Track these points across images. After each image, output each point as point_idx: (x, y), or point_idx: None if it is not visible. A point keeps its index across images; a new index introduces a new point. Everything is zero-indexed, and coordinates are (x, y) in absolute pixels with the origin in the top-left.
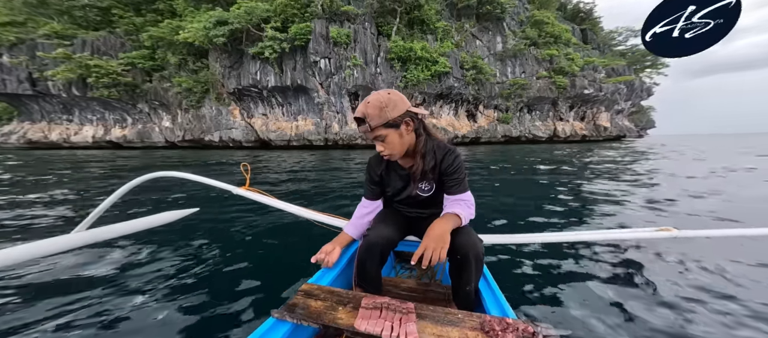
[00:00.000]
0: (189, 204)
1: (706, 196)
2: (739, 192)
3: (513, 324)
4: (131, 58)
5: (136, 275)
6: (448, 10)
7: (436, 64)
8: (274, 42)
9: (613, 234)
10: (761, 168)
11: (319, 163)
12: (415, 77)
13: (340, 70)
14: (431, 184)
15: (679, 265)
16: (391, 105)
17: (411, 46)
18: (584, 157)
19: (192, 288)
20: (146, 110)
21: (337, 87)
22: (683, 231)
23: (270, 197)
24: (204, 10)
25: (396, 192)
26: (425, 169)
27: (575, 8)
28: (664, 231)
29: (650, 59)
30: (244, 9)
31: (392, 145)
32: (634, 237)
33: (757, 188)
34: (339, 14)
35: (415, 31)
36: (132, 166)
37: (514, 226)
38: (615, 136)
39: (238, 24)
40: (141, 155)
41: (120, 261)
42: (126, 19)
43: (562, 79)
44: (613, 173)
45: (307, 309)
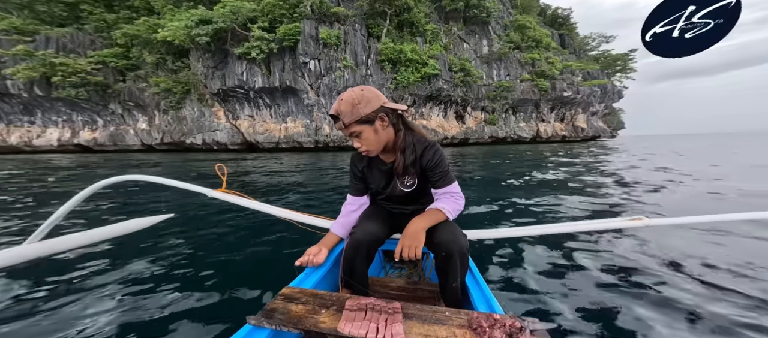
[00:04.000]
0: (163, 209)
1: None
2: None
3: (500, 320)
4: (102, 57)
5: (98, 287)
6: (436, 13)
7: (425, 65)
8: (262, 42)
9: (589, 224)
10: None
11: (321, 163)
12: (406, 79)
13: (330, 72)
14: (414, 179)
15: (651, 251)
16: (364, 101)
17: (401, 48)
18: (572, 156)
19: (162, 297)
20: (119, 111)
21: (328, 88)
22: (653, 220)
23: (249, 199)
24: (185, 8)
25: (379, 189)
26: (406, 164)
27: (554, 14)
28: (635, 220)
29: (620, 64)
30: (230, 8)
31: (368, 141)
32: (609, 226)
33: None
34: (329, 15)
35: (404, 33)
36: (101, 173)
37: (498, 220)
38: (591, 136)
39: (223, 23)
40: (112, 159)
41: (81, 274)
42: (96, 15)
43: (544, 82)
44: (591, 168)
45: (287, 313)
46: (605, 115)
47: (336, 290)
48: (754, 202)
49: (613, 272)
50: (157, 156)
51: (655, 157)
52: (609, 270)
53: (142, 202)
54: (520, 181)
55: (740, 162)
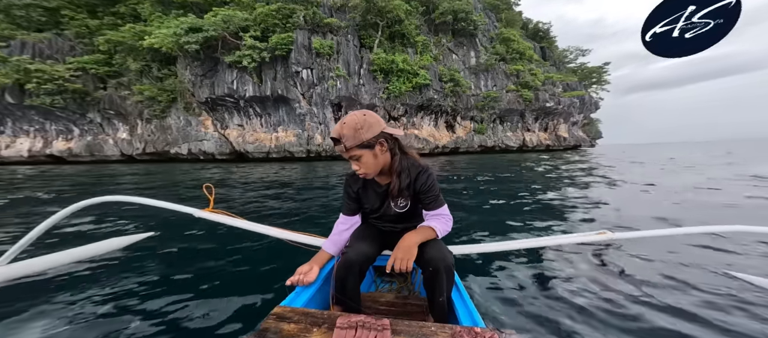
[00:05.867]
0: (143, 227)
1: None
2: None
3: (481, 333)
4: (83, 63)
5: (71, 316)
6: (426, 25)
7: (417, 76)
8: (253, 51)
9: (559, 239)
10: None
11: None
12: (398, 89)
13: (322, 81)
14: (407, 201)
15: (614, 262)
16: (366, 126)
17: (393, 58)
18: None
19: (147, 320)
20: (98, 120)
21: (320, 97)
22: (616, 234)
23: (237, 218)
24: (174, 15)
25: (373, 209)
26: (402, 187)
27: (535, 27)
28: (601, 234)
29: (595, 76)
30: (221, 17)
31: (367, 164)
32: (577, 241)
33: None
34: (322, 26)
35: (396, 44)
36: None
37: (481, 236)
38: (572, 145)
39: (213, 32)
40: (91, 171)
41: (53, 299)
42: (78, 20)
43: (528, 93)
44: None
45: (279, 333)
46: (584, 125)
47: (327, 307)
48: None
49: (581, 284)
50: (140, 167)
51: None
52: (576, 282)
53: (121, 219)
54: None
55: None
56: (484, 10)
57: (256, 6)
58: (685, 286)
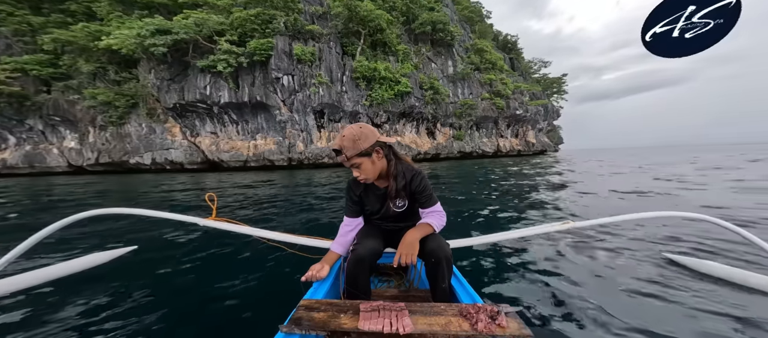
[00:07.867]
0: (124, 240)
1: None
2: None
3: (483, 308)
4: (22, 64)
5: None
6: (406, 34)
7: (398, 83)
8: (229, 55)
9: (529, 230)
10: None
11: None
12: (380, 96)
13: (304, 88)
14: (404, 201)
15: (579, 249)
16: (363, 137)
17: (375, 66)
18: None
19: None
20: (40, 127)
21: (302, 104)
22: (577, 223)
23: (241, 225)
24: (137, 16)
25: (375, 210)
26: (398, 188)
27: (505, 39)
28: (565, 224)
29: (556, 86)
30: (194, 20)
31: (366, 170)
32: (544, 231)
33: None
34: (303, 32)
35: (378, 52)
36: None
37: (471, 230)
38: (540, 150)
39: (184, 35)
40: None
41: (29, 321)
42: (18, 17)
43: (500, 101)
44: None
45: (312, 320)
46: (548, 132)
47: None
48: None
49: (550, 265)
50: (92, 178)
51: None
52: (548, 263)
53: (96, 233)
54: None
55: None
56: (460, 21)
57: (232, 10)
58: (628, 261)
